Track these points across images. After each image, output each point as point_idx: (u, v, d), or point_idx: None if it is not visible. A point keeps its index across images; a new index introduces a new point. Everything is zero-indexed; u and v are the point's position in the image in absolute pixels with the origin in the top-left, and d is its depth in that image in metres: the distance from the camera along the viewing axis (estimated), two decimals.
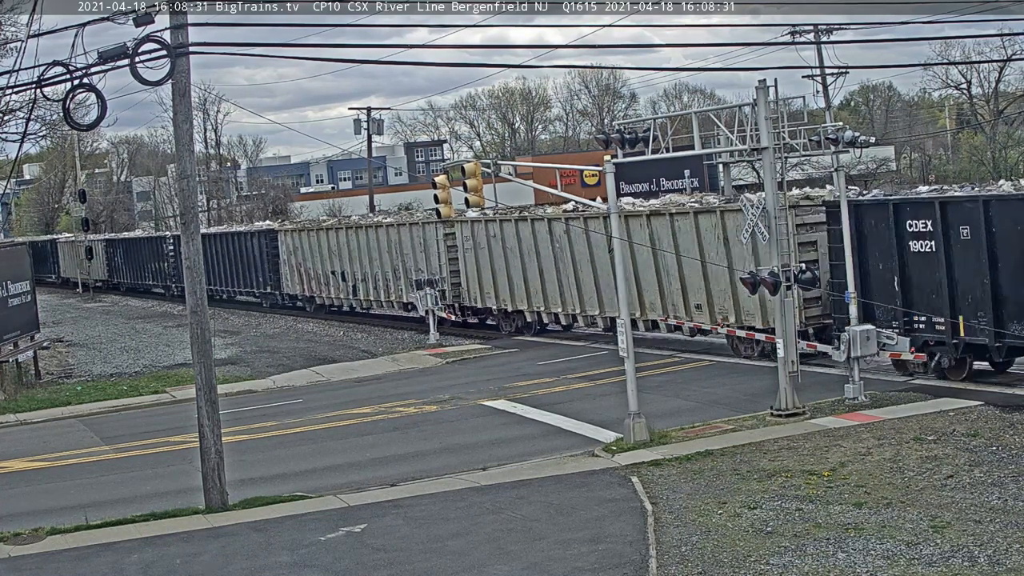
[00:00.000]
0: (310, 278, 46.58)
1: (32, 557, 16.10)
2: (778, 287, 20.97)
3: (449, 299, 37.62)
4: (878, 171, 66.92)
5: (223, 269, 54.01)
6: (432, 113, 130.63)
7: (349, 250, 43.45)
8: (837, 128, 22.96)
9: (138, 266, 66.65)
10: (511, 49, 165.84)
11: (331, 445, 22.74)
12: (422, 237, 39.04)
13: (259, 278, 50.79)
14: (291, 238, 48.06)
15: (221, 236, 54.93)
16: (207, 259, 51.78)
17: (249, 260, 51.52)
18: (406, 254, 39.84)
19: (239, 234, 53.43)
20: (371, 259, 42.01)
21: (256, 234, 51.23)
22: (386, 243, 41.15)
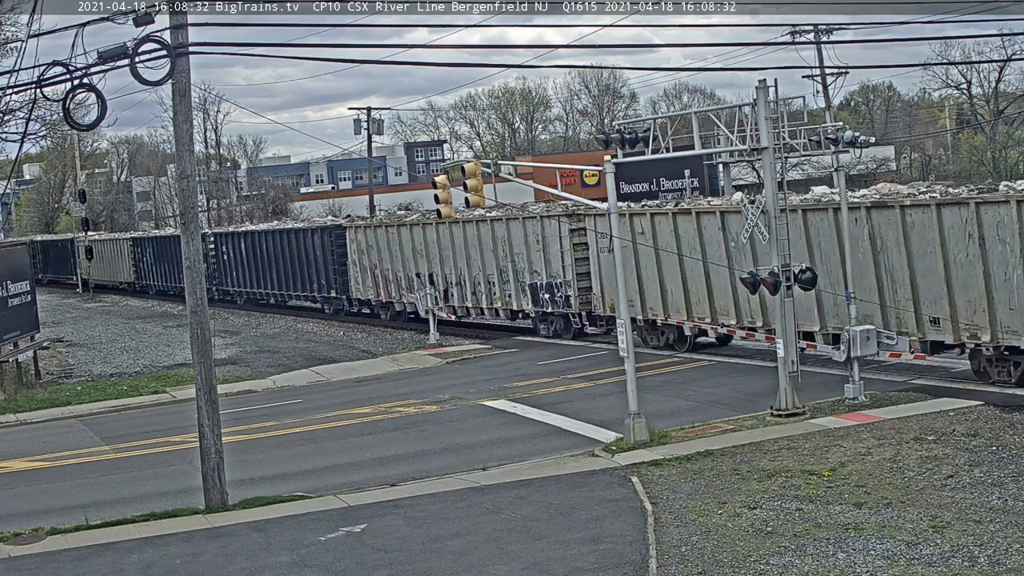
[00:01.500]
0: (387, 281, 41.40)
1: (32, 557, 16.10)
2: (778, 287, 20.97)
3: (575, 306, 32.71)
4: (878, 171, 66.95)
5: (275, 271, 49.01)
6: (432, 113, 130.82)
7: (440, 249, 38.15)
8: (837, 128, 22.98)
9: (171, 267, 60.62)
10: (511, 49, 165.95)
11: (331, 445, 22.73)
12: (539, 233, 33.83)
13: (320, 281, 45.57)
14: (363, 235, 42.57)
15: (273, 234, 49.62)
16: (254, 259, 50.23)
17: (308, 261, 46.31)
18: (517, 253, 34.74)
19: (296, 231, 48.02)
20: (469, 260, 36.82)
21: (318, 231, 45.77)
22: (490, 240, 35.84)
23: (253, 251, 50.70)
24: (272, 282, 49.29)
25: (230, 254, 53.37)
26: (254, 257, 50.59)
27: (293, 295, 48.23)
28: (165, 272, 61.93)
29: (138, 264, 66.00)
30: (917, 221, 23.28)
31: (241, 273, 52.24)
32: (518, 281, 34.81)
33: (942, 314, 22.97)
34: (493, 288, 36.07)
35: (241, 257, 52.17)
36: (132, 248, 66.87)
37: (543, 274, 33.40)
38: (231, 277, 53.31)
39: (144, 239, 66.90)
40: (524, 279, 34.44)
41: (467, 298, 37.37)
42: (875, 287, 24.08)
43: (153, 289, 64.11)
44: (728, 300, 27.69)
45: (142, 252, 65.76)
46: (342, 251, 43.94)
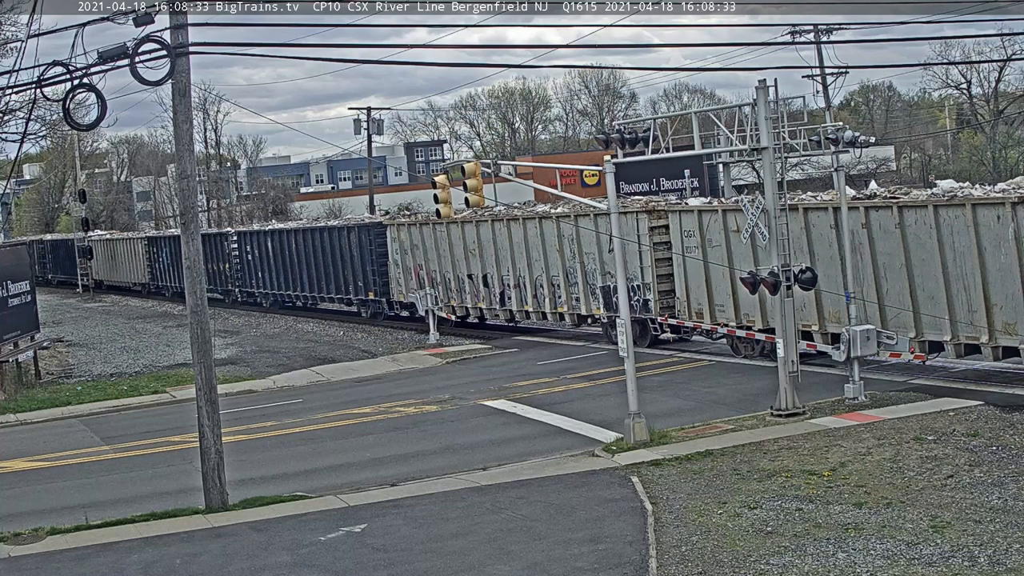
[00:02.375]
0: (434, 283, 38.32)
1: (32, 557, 16.10)
2: (778, 287, 20.97)
3: (654, 311, 29.73)
4: (878, 171, 66.96)
5: (305, 272, 46.21)
6: (432, 113, 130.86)
7: (496, 248, 35.25)
8: (837, 128, 22.99)
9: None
10: (510, 49, 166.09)
11: (331, 445, 22.74)
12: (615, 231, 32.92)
13: (357, 283, 42.55)
14: (407, 233, 39.55)
15: (304, 232, 46.65)
16: (282, 259, 47.56)
17: (343, 261, 43.31)
18: (587, 253, 31.84)
19: (330, 229, 44.94)
20: (530, 260, 34.01)
21: (355, 229, 42.64)
22: (555, 239, 32.91)
23: (281, 251, 47.99)
24: (302, 284, 46.54)
25: (255, 254, 50.44)
26: (282, 257, 47.94)
27: (325, 297, 45.38)
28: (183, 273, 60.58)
29: (153, 265, 63.00)
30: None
31: (268, 274, 49.45)
32: (587, 284, 32.03)
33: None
34: (558, 291, 33.21)
35: (268, 257, 49.33)
36: (147, 248, 63.75)
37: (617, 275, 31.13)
38: (256, 278, 50.52)
39: (160, 239, 63.38)
40: (595, 281, 31.65)
41: (527, 302, 34.54)
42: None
43: (169, 291, 60.96)
44: (841, 305, 23.93)
45: (158, 252, 62.57)
46: (382, 251, 41.12)
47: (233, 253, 52.15)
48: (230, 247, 52.47)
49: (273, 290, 49.35)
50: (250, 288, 51.42)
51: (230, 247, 52.47)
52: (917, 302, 23.19)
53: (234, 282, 52.62)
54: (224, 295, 53.87)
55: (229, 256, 52.75)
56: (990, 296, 21.92)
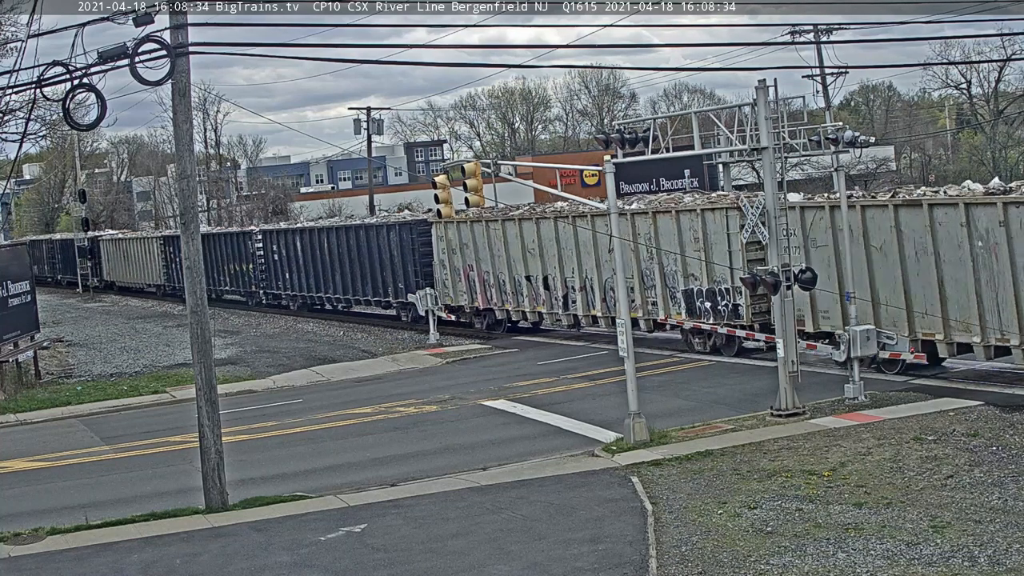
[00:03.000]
0: (486, 286, 36.03)
1: (32, 557, 16.10)
2: (778, 287, 20.97)
3: (746, 318, 27.16)
4: (878, 171, 66.96)
5: (338, 273, 43.52)
6: (432, 113, 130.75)
7: (560, 248, 32.70)
8: (837, 128, 23.01)
9: (211, 268, 53.65)
10: (510, 49, 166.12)
11: (331, 445, 22.74)
12: (699, 230, 28.09)
13: (398, 285, 39.93)
14: (455, 232, 37.11)
15: (339, 230, 43.73)
16: (312, 259, 45.09)
17: (381, 261, 40.70)
18: (667, 253, 29.45)
19: (367, 227, 42.03)
20: (599, 261, 31.28)
21: (395, 227, 39.92)
22: (629, 238, 29.63)
23: (312, 250, 45.28)
24: (335, 285, 43.71)
25: (282, 254, 47.74)
26: (313, 257, 45.23)
27: (361, 300, 42.69)
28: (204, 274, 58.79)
29: (170, 265, 59.84)
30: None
31: (296, 275, 46.70)
32: (667, 287, 29.42)
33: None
34: (631, 294, 28.92)
35: (296, 257, 46.58)
36: (163, 248, 60.50)
37: (703, 279, 27.95)
38: (283, 279, 47.94)
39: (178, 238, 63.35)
40: (675, 284, 29.10)
41: (594, 306, 31.84)
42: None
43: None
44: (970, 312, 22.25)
45: (175, 252, 57.88)
46: (426, 250, 38.59)
47: (258, 253, 49.50)
48: (254, 246, 49.84)
49: (302, 292, 46.82)
50: (276, 290, 49.14)
51: (254, 246, 49.84)
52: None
53: (258, 283, 50.17)
54: (247, 297, 51.97)
55: (253, 256, 50.16)
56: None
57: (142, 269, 63.87)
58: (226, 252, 53.03)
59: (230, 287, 53.28)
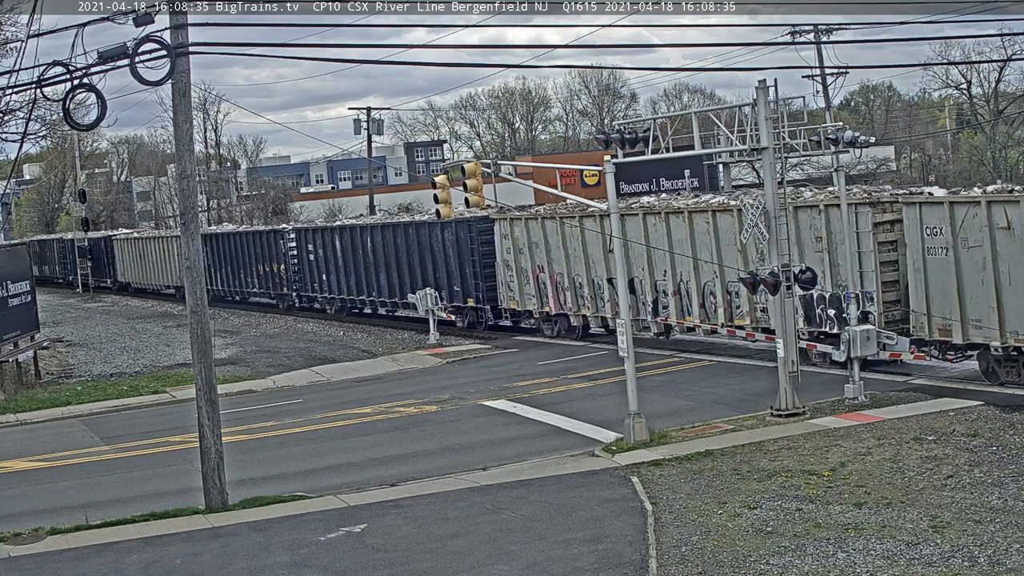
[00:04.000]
0: (558, 289, 33.17)
1: (32, 557, 16.10)
2: (778, 287, 20.98)
3: (878, 323, 23.78)
4: (878, 171, 66.93)
5: (383, 274, 40.78)
6: (432, 113, 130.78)
7: (649, 248, 29.76)
8: (837, 128, 23.00)
9: (237, 269, 51.73)
10: (510, 49, 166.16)
11: (331, 445, 22.74)
12: (821, 227, 25.04)
13: (453, 287, 37.50)
14: (523, 230, 34.21)
15: (384, 228, 40.86)
16: (352, 259, 42.49)
17: (434, 262, 38.06)
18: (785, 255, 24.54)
19: (417, 225, 39.26)
20: (697, 261, 27.94)
21: (451, 225, 36.45)
22: (731, 236, 27.10)
23: (353, 250, 42.52)
24: (379, 288, 40.80)
25: (318, 254, 44.93)
26: (354, 257, 42.51)
27: (410, 304, 39.44)
28: (230, 276, 52.65)
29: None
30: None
31: (335, 276, 43.90)
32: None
33: None
34: (735, 299, 27.26)
35: (335, 257, 43.73)
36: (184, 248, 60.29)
37: (826, 281, 24.85)
38: (320, 281, 45.19)
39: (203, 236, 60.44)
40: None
41: (690, 312, 28.55)
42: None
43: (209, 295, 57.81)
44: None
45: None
46: (487, 249, 35.88)
47: (290, 252, 46.64)
48: (287, 245, 46.99)
49: (341, 294, 43.89)
50: (311, 292, 46.23)
51: (287, 245, 46.99)
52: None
53: (290, 285, 47.21)
54: (278, 300, 49.35)
55: (285, 256, 47.23)
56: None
57: (160, 270, 60.54)
58: (254, 252, 50.23)
59: (259, 289, 50.65)
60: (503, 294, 35.64)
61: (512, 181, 27.17)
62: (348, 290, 43.17)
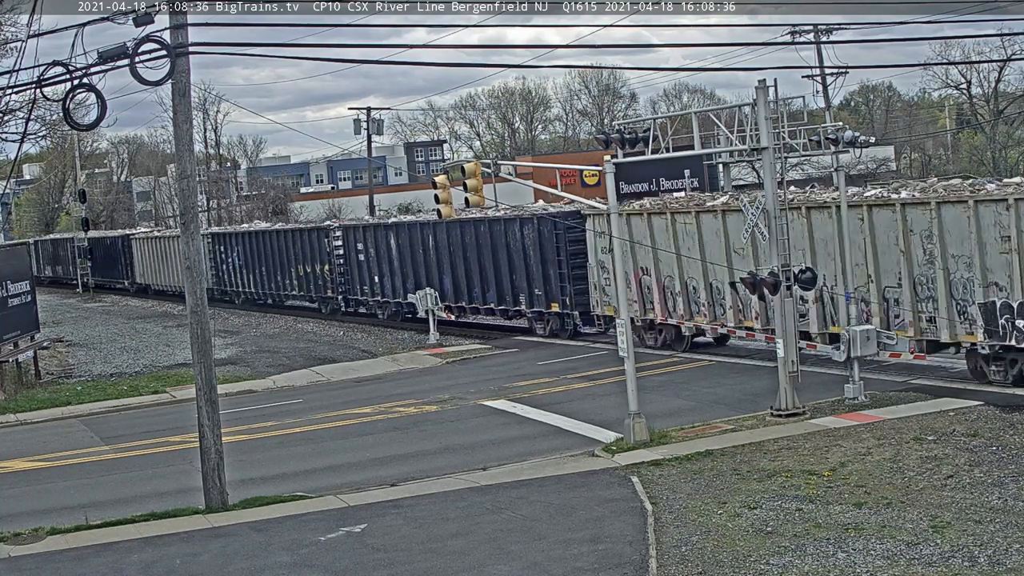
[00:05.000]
0: (669, 294, 29.57)
1: (32, 557, 16.10)
2: (778, 287, 20.97)
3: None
4: (878, 171, 66.97)
5: (448, 276, 37.86)
6: (432, 113, 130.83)
7: (812, 247, 25.58)
8: (837, 128, 23.00)
9: (274, 270, 48.62)
10: (510, 49, 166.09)
11: (331, 445, 22.74)
12: (1010, 223, 21.51)
13: (533, 291, 34.29)
14: (622, 226, 28.42)
15: (451, 225, 37.08)
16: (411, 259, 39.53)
17: (511, 262, 35.07)
18: (956, 256, 22.50)
19: (492, 222, 35.76)
20: (845, 263, 24.06)
21: (533, 222, 33.81)
22: (894, 235, 23.62)
23: (412, 249, 39.57)
24: (442, 291, 37.67)
25: (369, 253, 41.95)
26: (412, 257, 39.65)
27: (481, 308, 37.09)
28: (264, 277, 49.69)
29: (219, 267, 53.72)
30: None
31: (389, 278, 40.90)
32: (952, 298, 22.74)
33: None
34: (894, 308, 24.05)
35: (389, 257, 40.77)
36: (210, 246, 53.83)
37: (1013, 288, 21.56)
38: (371, 283, 42.08)
39: (230, 235, 53.41)
40: (967, 295, 22.42)
41: (836, 320, 25.12)
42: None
43: (241, 297, 52.40)
44: None
45: (226, 252, 53.03)
46: (577, 249, 32.61)
47: (336, 252, 43.75)
48: (332, 244, 43.98)
49: (396, 298, 40.77)
50: (358, 295, 43.19)
51: (332, 244, 43.98)
52: None
53: (336, 288, 44.32)
54: (321, 303, 46.40)
55: (330, 256, 44.25)
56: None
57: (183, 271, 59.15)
58: (293, 252, 47.07)
59: (298, 292, 47.49)
60: (596, 299, 32.11)
61: (512, 181, 27.20)
62: (404, 293, 39.80)
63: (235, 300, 52.77)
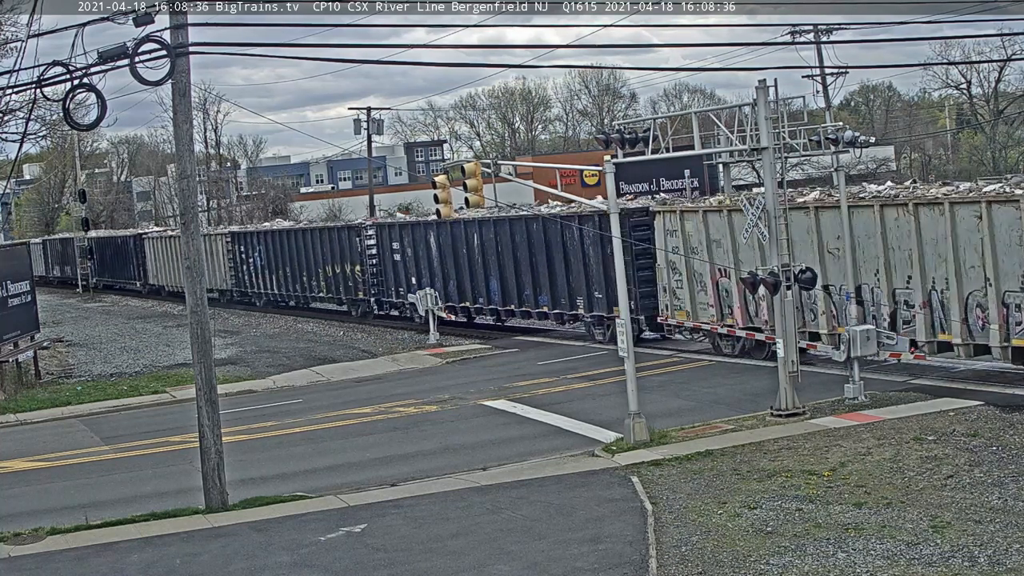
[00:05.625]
0: (749, 298, 26.66)
1: (32, 557, 16.10)
2: (778, 287, 20.97)
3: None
4: (878, 171, 66.97)
5: (495, 278, 35.64)
6: (432, 113, 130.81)
7: (886, 247, 23.46)
8: (837, 128, 23.01)
9: (299, 271, 46.61)
10: (510, 49, 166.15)
11: (331, 445, 22.74)
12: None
13: (592, 294, 31.77)
14: (697, 224, 27.83)
15: (499, 223, 35.09)
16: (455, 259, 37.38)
17: (566, 262, 32.61)
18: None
19: (546, 219, 33.26)
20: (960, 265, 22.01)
21: (594, 219, 30.59)
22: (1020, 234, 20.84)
23: (454, 249, 37.51)
24: (488, 294, 35.98)
25: (406, 253, 39.91)
26: (454, 258, 37.54)
27: (532, 312, 34.78)
28: (289, 278, 47.50)
29: (239, 267, 51.35)
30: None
31: (427, 281, 38.55)
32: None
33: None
34: (1016, 314, 21.20)
35: (429, 257, 38.71)
36: (230, 246, 51.77)
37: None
38: (407, 285, 39.81)
39: (252, 235, 51.15)
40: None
41: (945, 327, 22.60)
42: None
43: (263, 299, 50.44)
44: None
45: (248, 251, 50.57)
46: (642, 249, 29.63)
47: (368, 252, 41.56)
48: (364, 244, 41.82)
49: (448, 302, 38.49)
50: (394, 298, 40.97)
51: (364, 244, 41.82)
52: None
53: (368, 289, 42.03)
54: (351, 306, 44.02)
55: (362, 256, 42.11)
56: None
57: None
58: (321, 251, 44.89)
59: (325, 293, 45.30)
60: (667, 303, 29.33)
61: (512, 181, 27.17)
62: (445, 296, 37.80)
63: (256, 302, 51.00)
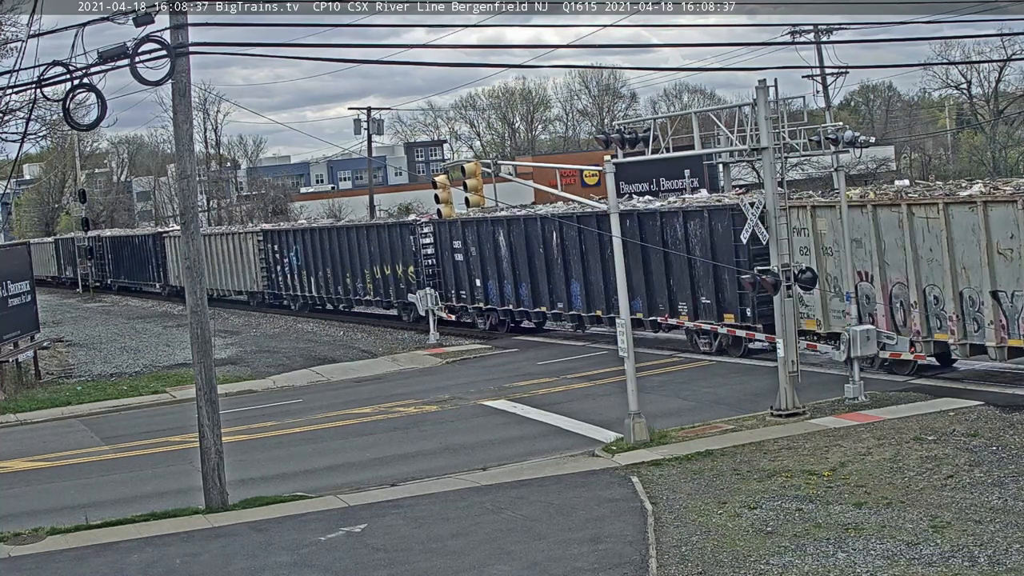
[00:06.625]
0: (895, 303, 23.84)
1: (32, 557, 16.10)
2: (778, 287, 20.97)
3: None
4: (878, 171, 66.97)
5: (578, 281, 32.41)
6: (432, 113, 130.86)
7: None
8: (837, 128, 23.00)
9: (342, 271, 43.28)
10: (509, 49, 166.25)
11: (331, 445, 22.74)
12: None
13: (700, 299, 28.63)
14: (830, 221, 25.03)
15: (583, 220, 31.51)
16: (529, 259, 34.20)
17: (667, 264, 29.35)
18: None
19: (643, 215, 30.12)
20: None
21: (703, 215, 28.21)
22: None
23: (528, 247, 34.34)
24: (568, 298, 32.91)
25: (470, 252, 36.78)
26: (528, 259, 34.38)
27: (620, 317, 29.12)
28: (331, 280, 44.18)
29: (271, 269, 48.33)
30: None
31: (494, 283, 35.98)
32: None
33: None
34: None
35: (497, 257, 35.61)
36: (263, 246, 48.63)
37: None
38: (470, 288, 37.16)
39: (288, 232, 47.68)
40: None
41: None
42: None
43: (299, 302, 47.38)
44: None
45: (282, 252, 47.57)
46: (761, 249, 23.84)
47: (424, 251, 38.50)
48: (419, 243, 38.71)
49: (504, 305, 35.60)
50: (455, 301, 37.81)
51: (419, 243, 38.71)
52: None
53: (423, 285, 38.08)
54: (402, 310, 40.46)
55: (416, 255, 38.99)
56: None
57: (230, 272, 51.84)
58: (369, 251, 41.59)
59: (372, 296, 41.93)
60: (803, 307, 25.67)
61: (512, 181, 27.16)
62: (516, 300, 34.97)
63: (292, 305, 48.12)
